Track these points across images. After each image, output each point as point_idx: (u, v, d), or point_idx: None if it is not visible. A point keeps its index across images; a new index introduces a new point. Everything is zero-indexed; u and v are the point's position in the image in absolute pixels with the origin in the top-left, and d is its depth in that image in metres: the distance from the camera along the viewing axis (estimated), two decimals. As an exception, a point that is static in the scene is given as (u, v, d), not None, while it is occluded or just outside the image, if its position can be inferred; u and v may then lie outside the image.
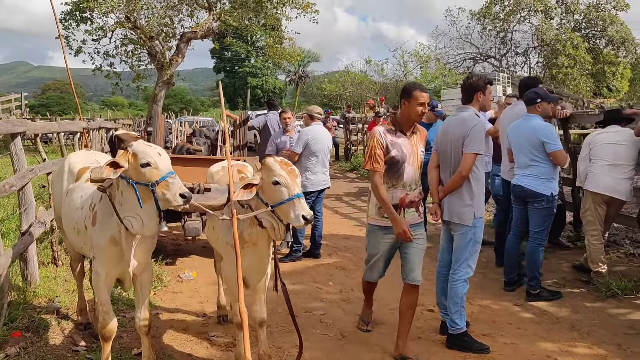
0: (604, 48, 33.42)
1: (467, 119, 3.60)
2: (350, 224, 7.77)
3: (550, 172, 4.34)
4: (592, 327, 4.00)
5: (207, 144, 10.04)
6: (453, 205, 3.66)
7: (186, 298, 4.76)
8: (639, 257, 5.35)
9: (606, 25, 32.44)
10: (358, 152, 15.57)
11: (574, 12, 33.26)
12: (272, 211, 2.83)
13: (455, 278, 3.71)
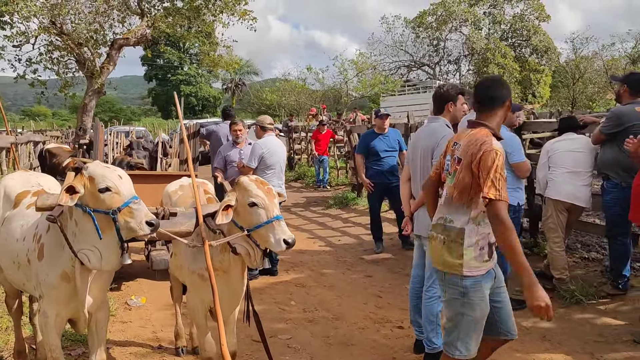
0: (529, 57, 35.26)
1: (437, 130, 3.49)
2: (302, 237, 7.53)
3: (514, 181, 4.27)
4: (562, 336, 3.98)
5: (146, 157, 9.47)
6: (424, 220, 3.48)
7: (137, 328, 4.35)
8: (594, 261, 5.47)
9: (530, 35, 34.27)
10: (302, 161, 15.38)
11: (501, 22, 34.91)
12: (248, 236, 2.56)
13: (428, 295, 3.55)
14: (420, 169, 3.55)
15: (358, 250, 6.75)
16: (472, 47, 31.94)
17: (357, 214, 8.88)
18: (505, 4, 36.26)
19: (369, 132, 6.68)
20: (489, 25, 35.51)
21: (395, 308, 4.72)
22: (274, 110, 34.19)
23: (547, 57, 36.56)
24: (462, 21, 33.18)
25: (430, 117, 3.70)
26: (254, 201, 2.53)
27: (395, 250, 6.55)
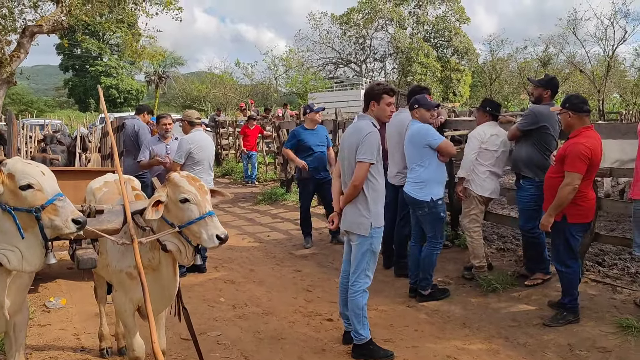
0: (451, 57, 36.80)
1: (362, 128, 3.57)
2: (231, 233, 7.40)
3: (430, 176, 4.44)
4: (480, 322, 4.23)
5: (64, 152, 8.99)
6: (350, 215, 3.62)
7: (58, 331, 4.16)
8: (509, 251, 5.84)
9: (451, 36, 35.76)
10: (230, 157, 15.19)
11: (424, 23, 36.15)
12: (179, 232, 2.53)
13: (354, 290, 3.66)
14: (346, 166, 3.64)
15: (287, 245, 6.79)
16: (397, 46, 32.89)
17: (286, 210, 8.92)
18: (428, 5, 37.64)
19: (299, 128, 6.73)
20: (413, 25, 36.72)
21: (324, 301, 4.81)
22: (200, 104, 33.45)
23: (467, 58, 38.42)
24: (388, 20, 34.07)
25: (360, 114, 3.80)
26: (186, 197, 2.50)
27: (324, 245, 6.65)
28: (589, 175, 3.92)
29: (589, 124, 3.98)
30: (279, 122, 11.44)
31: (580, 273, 4.96)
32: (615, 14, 30.46)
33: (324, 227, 7.09)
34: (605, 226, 7.27)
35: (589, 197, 3.98)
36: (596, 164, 3.92)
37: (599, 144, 3.92)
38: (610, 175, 5.35)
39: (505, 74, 38.05)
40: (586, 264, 5.28)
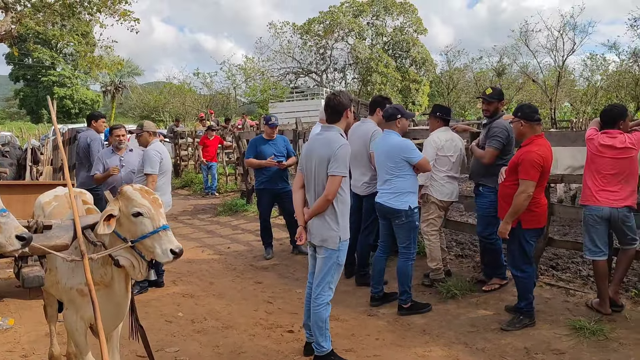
0: (409, 67, 37.47)
1: (333, 140, 3.52)
2: (190, 246, 7.32)
3: (406, 186, 4.43)
4: (440, 329, 4.28)
5: (13, 165, 8.65)
6: (318, 229, 3.57)
7: (4, 353, 3.96)
8: (467, 257, 5.94)
9: (410, 47, 36.42)
10: (189, 168, 14.96)
11: (383, 34, 36.71)
12: (132, 247, 2.45)
13: (317, 302, 3.62)
14: (314, 178, 3.57)
15: (248, 257, 6.71)
16: (356, 56, 33.27)
17: (247, 221, 8.83)
18: (386, 17, 38.29)
19: (258, 138, 6.68)
20: (372, 36, 37.25)
21: (285, 313, 4.76)
22: (158, 115, 32.86)
23: (425, 68, 39.21)
24: (348, 31, 34.46)
25: (324, 125, 3.71)
26: (139, 211, 2.43)
27: (285, 256, 6.61)
28: (542, 182, 4.03)
29: (540, 132, 4.11)
30: (238, 132, 11.35)
31: (535, 277, 5.10)
32: (564, 26, 31.77)
33: (285, 238, 7.05)
34: (559, 231, 7.50)
35: (541, 203, 4.11)
36: (547, 170, 4.05)
37: (549, 151, 4.05)
38: (562, 181, 5.52)
39: (462, 83, 39.04)
40: (541, 268, 5.43)
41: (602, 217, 4.16)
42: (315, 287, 3.64)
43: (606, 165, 4.14)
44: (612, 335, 3.92)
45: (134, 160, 5.71)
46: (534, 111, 4.08)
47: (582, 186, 4.36)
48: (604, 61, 33.62)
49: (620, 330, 4.01)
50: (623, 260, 4.36)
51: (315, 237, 3.59)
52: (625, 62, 31.60)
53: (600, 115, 4.36)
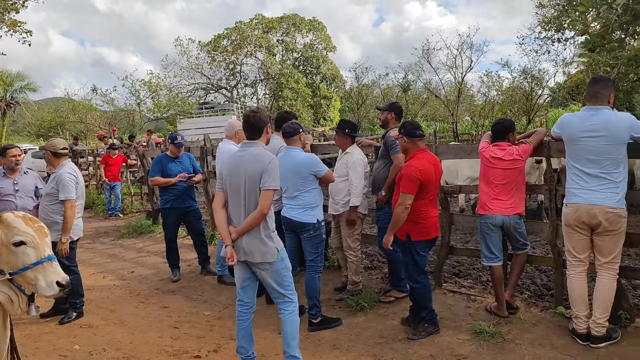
0: (320, 83, 38.14)
1: (262, 155, 3.53)
2: (89, 272, 6.85)
3: (314, 200, 4.46)
4: (350, 342, 4.29)
5: None
6: (254, 246, 3.52)
7: None
8: (376, 269, 6.04)
9: (320, 64, 37.11)
10: (90, 188, 14.11)
11: (293, 50, 37.12)
12: (10, 280, 2.22)
13: (290, 310, 3.66)
14: (244, 195, 3.50)
15: (153, 280, 6.40)
16: (267, 72, 33.37)
17: (153, 242, 8.44)
18: (296, 34, 38.85)
19: (162, 156, 6.42)
20: (282, 52, 37.60)
21: (193, 337, 4.57)
22: (56, 133, 30.82)
23: (335, 84, 40.16)
24: (257, 47, 34.48)
25: (246, 142, 3.66)
26: (22, 239, 2.21)
27: (193, 277, 6.37)
28: (426, 195, 4.14)
29: (423, 147, 4.24)
30: (142, 150, 10.88)
31: (438, 285, 5.29)
32: (462, 45, 33.88)
33: (193, 258, 6.81)
34: (461, 239, 7.87)
35: (429, 215, 4.20)
36: (428, 183, 4.12)
37: (431, 165, 4.16)
38: (460, 192, 5.78)
39: (370, 99, 40.35)
40: (444, 276, 5.64)
41: (496, 224, 4.40)
42: (277, 298, 3.66)
43: (497, 176, 4.39)
44: (508, 337, 4.13)
45: (30, 183, 5.29)
46: (415, 128, 4.21)
47: (479, 196, 4.59)
48: (498, 78, 36.16)
49: (516, 331, 4.23)
50: (516, 264, 4.63)
51: (253, 255, 3.53)
52: (517, 79, 34.21)
53: (491, 129, 4.62)
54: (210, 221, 8.04)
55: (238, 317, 3.76)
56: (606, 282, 3.87)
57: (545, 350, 3.88)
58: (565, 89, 26.06)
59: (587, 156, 3.78)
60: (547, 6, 19.77)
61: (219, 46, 33.90)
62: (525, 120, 33.11)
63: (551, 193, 4.50)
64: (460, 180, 8.65)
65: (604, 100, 3.80)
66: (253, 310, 3.79)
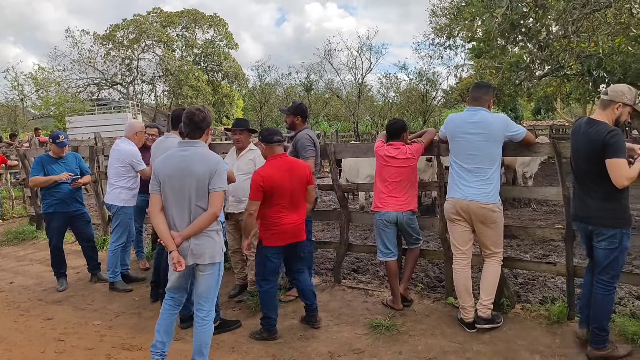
0: (222, 81, 37.48)
1: (209, 156, 3.41)
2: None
3: None
4: (249, 344, 4.22)
5: None
6: (205, 247, 3.42)
7: None
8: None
9: (221, 61, 36.45)
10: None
11: (193, 46, 36.12)
12: None
13: (209, 319, 3.56)
14: (188, 196, 3.36)
15: (36, 291, 5.88)
16: (166, 68, 32.14)
17: (37, 250, 7.78)
18: (197, 29, 37.82)
19: (44, 156, 5.91)
20: (182, 48, 36.44)
21: (80, 350, 4.26)
22: None
23: (237, 83, 39.63)
24: (155, 41, 33.10)
25: (187, 141, 3.48)
26: None
27: (82, 286, 5.95)
28: (277, 201, 4.04)
29: (279, 153, 4.15)
30: (24, 149, 10.01)
31: (338, 281, 5.38)
32: (362, 47, 34.97)
33: (82, 265, 6.37)
34: (361, 235, 8.09)
35: (282, 222, 4.08)
36: (276, 190, 4.01)
37: (281, 171, 4.04)
38: (357, 189, 5.92)
39: (273, 98, 40.38)
40: (343, 272, 5.75)
41: (390, 221, 4.55)
42: (204, 303, 3.53)
43: (391, 174, 4.54)
44: (403, 329, 4.29)
45: None
46: (271, 134, 4.13)
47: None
48: (396, 80, 37.79)
49: (410, 322, 4.41)
50: (410, 258, 4.82)
51: (203, 257, 3.43)
52: (413, 81, 35.94)
53: (386, 129, 4.77)
54: (102, 225, 7.58)
55: (164, 311, 3.65)
56: (491, 268, 4.18)
57: (437, 340, 4.07)
58: (457, 91, 27.75)
59: (466, 152, 4.05)
60: (440, 15, 20.94)
61: (113, 38, 32.06)
62: (422, 121, 34.89)
63: (441, 189, 4.73)
64: (361, 179, 8.89)
65: (485, 104, 4.11)
66: (180, 308, 3.72)
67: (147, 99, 34.97)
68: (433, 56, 27.10)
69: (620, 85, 3.58)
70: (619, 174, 3.31)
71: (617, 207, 3.47)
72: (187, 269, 3.46)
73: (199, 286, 3.53)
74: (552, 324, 4.22)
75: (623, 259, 3.59)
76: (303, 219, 4.24)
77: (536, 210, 10.13)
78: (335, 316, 4.64)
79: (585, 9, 7.98)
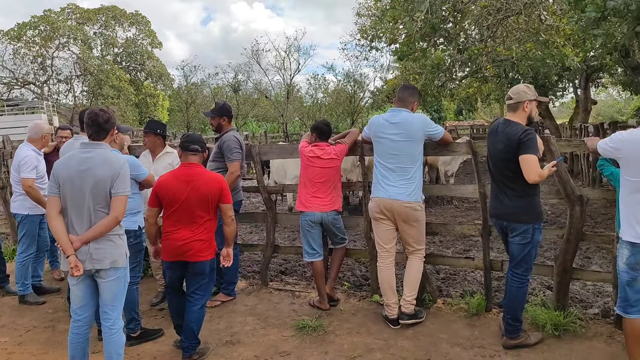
0: (145, 81, 36.22)
1: (113, 159, 3.23)
2: None
3: (134, 206, 4.17)
4: (171, 353, 4.04)
5: None
6: (105, 251, 3.21)
7: None
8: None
9: (144, 60, 35.20)
10: None
11: (114, 44, 34.65)
12: None
13: (117, 328, 3.34)
14: (88, 200, 3.16)
15: None
16: (84, 67, 30.56)
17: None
18: (117, 27, 36.27)
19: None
20: (101, 46, 34.82)
21: None
22: None
23: (162, 82, 38.44)
24: (71, 39, 31.38)
25: (89, 143, 3.28)
26: None
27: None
28: (169, 213, 3.79)
29: (191, 161, 3.86)
30: None
31: (265, 284, 5.32)
32: (289, 48, 35.02)
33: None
34: (289, 236, 8.08)
35: (169, 236, 3.80)
36: (165, 200, 3.77)
37: (177, 181, 3.77)
38: (283, 191, 5.89)
39: (200, 98, 39.53)
40: (271, 274, 5.71)
41: (315, 221, 4.56)
42: (111, 311, 3.33)
43: (316, 175, 4.55)
44: (329, 328, 4.30)
45: None
46: (189, 141, 3.90)
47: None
48: (324, 81, 38.17)
49: (337, 322, 4.43)
50: (336, 258, 4.85)
51: (103, 261, 3.21)
52: (341, 82, 36.46)
53: (311, 129, 4.78)
54: (11, 235, 7.08)
55: (72, 339, 3.37)
56: (414, 265, 4.28)
57: (362, 338, 4.12)
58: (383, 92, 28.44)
59: (389, 152, 4.13)
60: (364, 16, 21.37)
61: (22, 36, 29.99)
62: (350, 121, 35.44)
63: (365, 189, 4.80)
64: (289, 180, 8.87)
65: (409, 106, 4.21)
66: (89, 329, 3.43)
67: (64, 100, 33.14)
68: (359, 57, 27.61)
69: (519, 86, 3.79)
70: (531, 170, 3.49)
71: (530, 204, 3.66)
72: (84, 279, 3.28)
73: (103, 294, 3.32)
74: (471, 316, 4.39)
75: (536, 253, 3.80)
76: (201, 238, 3.77)
77: (458, 207, 10.55)
78: (262, 319, 4.58)
79: (498, 15, 8.40)
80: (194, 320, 3.86)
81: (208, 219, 3.82)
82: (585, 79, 17.61)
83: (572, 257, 4.14)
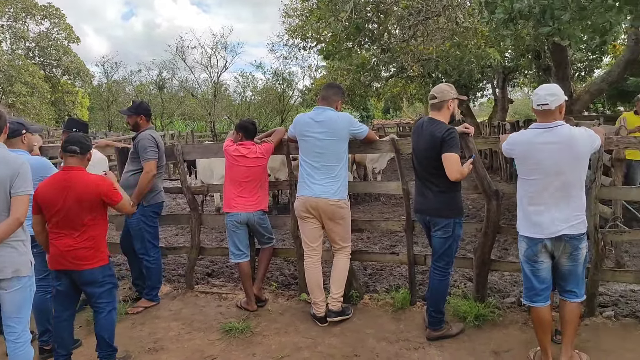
0: (62, 77, 34.28)
1: (9, 157, 3.02)
2: None
3: None
4: None
5: None
6: (4, 259, 2.96)
7: None
8: (124, 278, 5.62)
9: (61, 55, 33.32)
10: None
11: (25, 38, 32.53)
12: None
13: (23, 341, 3.12)
14: None
15: None
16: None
17: None
18: (28, 19, 34.01)
19: None
20: (11, 40, 32.53)
21: None
22: None
23: (80, 79, 36.54)
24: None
25: None
26: None
27: None
28: (49, 219, 3.46)
29: (72, 165, 3.52)
30: None
31: (190, 288, 5.19)
32: (216, 45, 34.38)
33: None
34: (217, 237, 7.91)
35: (53, 244, 3.48)
36: (42, 207, 3.44)
37: (49, 186, 3.46)
38: (208, 191, 5.75)
39: (123, 96, 37.94)
40: (197, 277, 5.56)
41: (241, 222, 4.49)
42: (15, 325, 3.09)
43: (242, 174, 4.48)
44: (257, 330, 4.25)
45: None
46: (69, 141, 3.54)
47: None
48: (253, 79, 37.78)
49: (265, 322, 4.38)
50: (263, 258, 4.80)
51: (3, 270, 2.97)
52: (270, 81, 36.26)
53: (236, 128, 4.70)
54: None
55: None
56: (341, 262, 4.31)
57: (290, 337, 4.10)
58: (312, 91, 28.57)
59: (314, 150, 4.13)
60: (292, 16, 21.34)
61: None
62: (279, 120, 35.35)
63: (291, 188, 4.77)
64: (216, 180, 8.68)
65: (333, 104, 4.22)
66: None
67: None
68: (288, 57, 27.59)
69: (441, 85, 3.92)
70: (453, 168, 3.60)
71: (452, 199, 3.79)
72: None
73: (5, 306, 3.06)
74: (397, 310, 4.48)
75: (457, 246, 3.94)
76: (85, 246, 3.45)
77: (385, 203, 10.78)
78: (187, 324, 4.45)
79: (419, 16, 8.65)
80: (104, 329, 3.60)
81: (93, 225, 3.49)
82: (503, 79, 18.60)
83: (490, 250, 4.32)
